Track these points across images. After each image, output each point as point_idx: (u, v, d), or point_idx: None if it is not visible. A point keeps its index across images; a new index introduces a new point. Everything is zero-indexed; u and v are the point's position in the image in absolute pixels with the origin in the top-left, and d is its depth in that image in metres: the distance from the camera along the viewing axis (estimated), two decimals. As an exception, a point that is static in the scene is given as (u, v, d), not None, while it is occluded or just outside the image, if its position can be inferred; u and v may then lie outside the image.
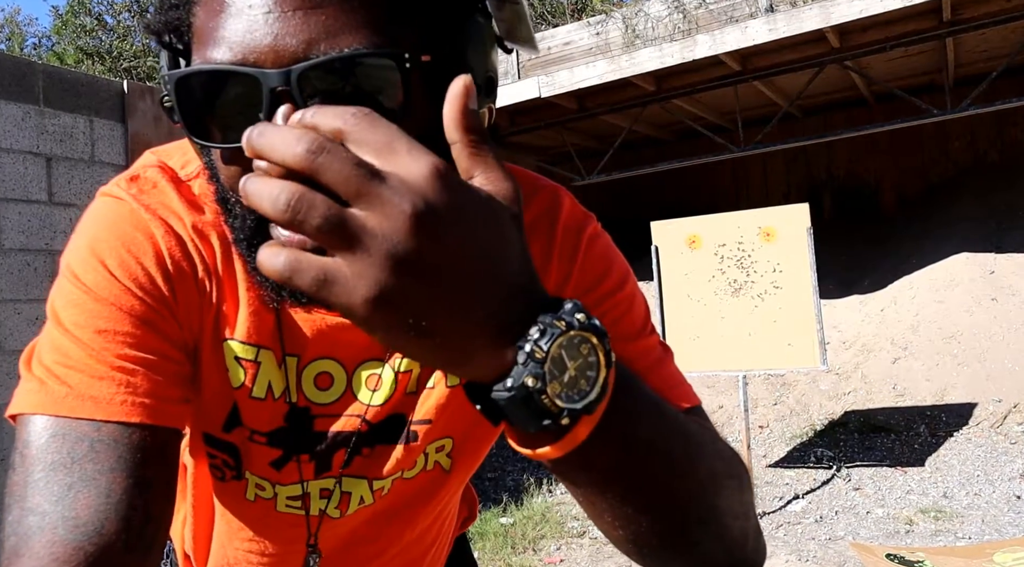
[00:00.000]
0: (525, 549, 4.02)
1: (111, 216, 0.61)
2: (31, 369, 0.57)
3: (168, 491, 0.57)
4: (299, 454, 0.69)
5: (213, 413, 0.66)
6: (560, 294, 0.65)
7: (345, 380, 0.67)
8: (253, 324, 0.64)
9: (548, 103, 6.66)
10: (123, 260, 0.59)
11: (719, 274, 4.45)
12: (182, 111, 0.52)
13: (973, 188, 8.06)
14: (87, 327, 0.57)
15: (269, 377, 0.65)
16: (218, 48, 0.50)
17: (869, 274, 7.50)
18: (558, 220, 0.68)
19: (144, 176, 0.64)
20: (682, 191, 9.28)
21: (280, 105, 0.48)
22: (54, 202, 3.42)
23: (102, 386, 0.55)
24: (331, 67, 0.48)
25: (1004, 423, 5.06)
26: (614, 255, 0.71)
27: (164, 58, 0.56)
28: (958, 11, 5.62)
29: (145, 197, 0.62)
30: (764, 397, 5.95)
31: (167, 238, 0.61)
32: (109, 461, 0.54)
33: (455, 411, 0.69)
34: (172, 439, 0.58)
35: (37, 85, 3.38)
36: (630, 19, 6.96)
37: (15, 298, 3.24)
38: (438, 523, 0.82)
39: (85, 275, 0.58)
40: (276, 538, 0.75)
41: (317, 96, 0.48)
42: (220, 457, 0.69)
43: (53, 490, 0.52)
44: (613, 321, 0.66)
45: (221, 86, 0.50)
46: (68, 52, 14.01)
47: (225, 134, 0.52)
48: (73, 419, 0.54)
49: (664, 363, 0.68)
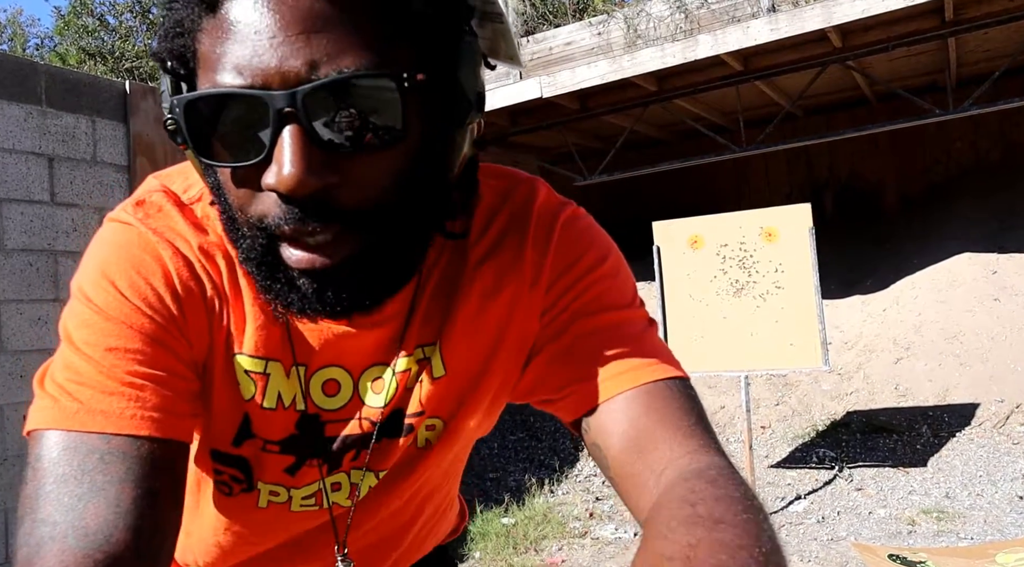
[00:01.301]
0: (527, 549, 4.02)
1: (120, 240, 0.63)
2: (44, 387, 0.59)
3: (176, 502, 0.59)
4: (312, 459, 0.71)
5: (223, 428, 0.69)
6: (537, 279, 0.69)
7: (352, 386, 0.70)
8: (260, 338, 0.66)
9: (549, 103, 6.66)
10: (133, 281, 0.61)
11: (721, 274, 4.45)
12: (191, 133, 0.54)
13: (975, 188, 8.05)
14: (98, 345, 0.59)
15: (279, 387, 0.68)
16: (225, 72, 0.51)
17: (871, 274, 7.49)
18: (532, 210, 0.70)
19: (149, 200, 0.66)
20: (684, 191, 9.27)
21: (286, 125, 0.50)
22: (56, 202, 3.42)
23: (112, 401, 0.57)
24: (334, 88, 0.50)
25: (1007, 423, 5.05)
26: (595, 235, 0.72)
27: (167, 83, 0.58)
28: (960, 11, 5.61)
29: (152, 221, 0.64)
30: (766, 397, 5.94)
31: (175, 259, 0.63)
32: (118, 472, 0.55)
33: (441, 400, 0.72)
34: (180, 451, 0.60)
35: (39, 85, 3.38)
36: (632, 19, 6.96)
37: (17, 298, 3.24)
38: (418, 499, 0.83)
39: (96, 296, 0.60)
40: (288, 531, 0.78)
41: (322, 117, 0.51)
42: (227, 472, 0.72)
43: (63, 501, 0.54)
44: (596, 295, 0.68)
45: (229, 108, 0.52)
46: (70, 53, 14.02)
47: (233, 154, 0.54)
48: (84, 433, 0.56)
49: (649, 334, 0.69)
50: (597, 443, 0.65)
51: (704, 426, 0.63)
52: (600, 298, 0.68)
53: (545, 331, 0.70)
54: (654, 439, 0.61)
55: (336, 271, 0.55)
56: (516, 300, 0.69)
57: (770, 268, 4.33)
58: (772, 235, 4.34)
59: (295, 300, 0.56)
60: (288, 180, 0.50)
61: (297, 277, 0.55)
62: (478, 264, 0.69)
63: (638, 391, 0.64)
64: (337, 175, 0.52)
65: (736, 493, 0.54)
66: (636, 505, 0.61)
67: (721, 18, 6.54)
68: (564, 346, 0.68)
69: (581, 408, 0.66)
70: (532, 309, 0.70)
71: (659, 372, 0.65)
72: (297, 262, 0.54)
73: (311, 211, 0.52)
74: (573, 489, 5.00)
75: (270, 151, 0.51)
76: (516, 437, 5.95)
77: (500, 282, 0.69)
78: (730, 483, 0.55)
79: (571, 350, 0.67)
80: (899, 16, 5.53)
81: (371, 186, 0.54)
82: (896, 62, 6.65)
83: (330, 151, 0.52)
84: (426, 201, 0.58)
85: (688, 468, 0.58)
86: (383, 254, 0.56)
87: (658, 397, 0.64)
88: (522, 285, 0.69)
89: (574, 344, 0.67)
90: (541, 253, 0.69)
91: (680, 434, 0.61)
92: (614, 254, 0.72)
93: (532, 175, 0.74)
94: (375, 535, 0.82)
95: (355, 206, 0.53)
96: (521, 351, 0.71)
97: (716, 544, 0.47)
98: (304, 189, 0.51)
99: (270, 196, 0.53)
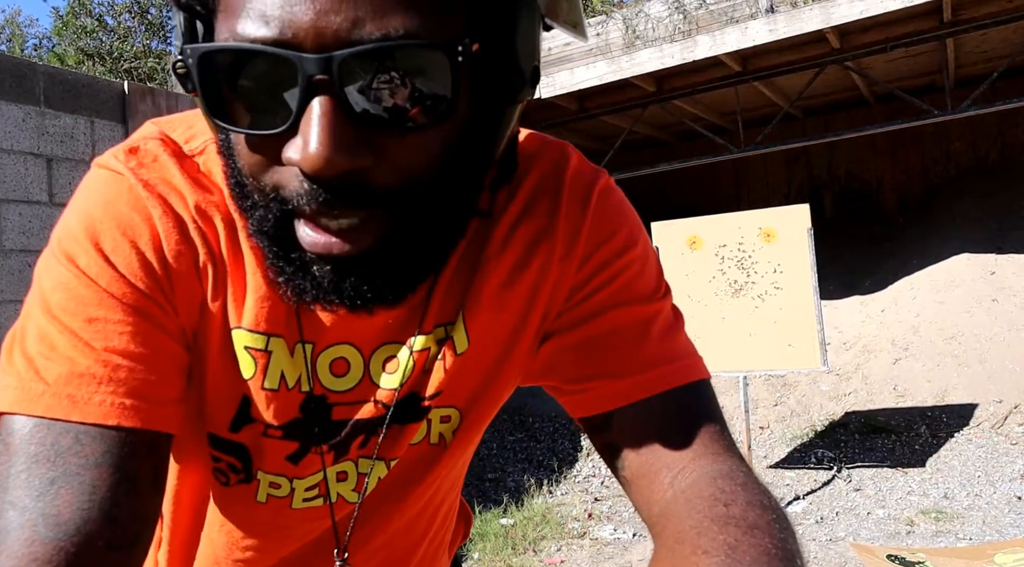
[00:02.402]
0: (525, 550, 4.02)
1: (107, 193, 0.56)
2: (12, 359, 0.53)
3: (156, 487, 0.54)
4: (318, 445, 0.64)
5: (219, 411, 0.62)
6: (570, 252, 0.63)
7: (362, 365, 0.63)
8: (262, 311, 0.59)
9: (548, 104, 6.66)
10: (118, 243, 0.54)
11: (720, 275, 4.45)
12: (203, 89, 0.46)
13: (974, 189, 8.06)
14: (76, 314, 0.53)
15: (281, 366, 0.61)
16: (249, 20, 0.44)
17: (870, 275, 7.49)
18: (564, 177, 0.64)
19: (144, 148, 0.58)
20: (682, 192, 9.27)
21: (316, 95, 0.43)
22: (55, 203, 3.42)
23: (83, 384, 0.51)
24: (378, 54, 0.43)
25: (1005, 424, 5.06)
26: (627, 210, 0.67)
27: (180, 21, 0.49)
28: (959, 12, 5.62)
29: (144, 172, 0.57)
30: (765, 398, 5.94)
31: (164, 220, 0.56)
32: (95, 455, 0.50)
33: (463, 379, 0.65)
34: (160, 438, 0.54)
35: (38, 86, 3.38)
36: (630, 20, 6.96)
37: (16, 299, 3.24)
38: (429, 511, 0.77)
39: (78, 256, 0.54)
40: (288, 538, 0.70)
41: (360, 88, 0.44)
42: (225, 460, 0.64)
43: (35, 484, 0.49)
44: (627, 282, 0.63)
45: (251, 66, 0.45)
46: (69, 53, 14.01)
47: (252, 118, 0.46)
48: (50, 420, 0.51)
49: (676, 330, 0.65)
50: (613, 443, 0.62)
51: (725, 431, 0.61)
52: (631, 286, 0.64)
53: (571, 312, 0.64)
54: (676, 441, 0.59)
55: (358, 260, 0.48)
56: (544, 272, 0.63)
57: (769, 269, 4.33)
58: (771, 236, 4.34)
59: (308, 288, 0.49)
60: (314, 159, 0.43)
61: (312, 262, 0.49)
62: (508, 232, 0.62)
63: (664, 395, 0.61)
64: (372, 155, 0.45)
65: (765, 501, 0.52)
66: (647, 500, 0.59)
67: (719, 19, 6.54)
68: (588, 336, 0.63)
69: (601, 407, 0.62)
70: (562, 283, 0.64)
71: (685, 375, 0.62)
72: (313, 245, 0.47)
73: (338, 193, 0.45)
74: (572, 490, 5.00)
75: (295, 121, 0.44)
76: (515, 438, 5.95)
77: (530, 252, 0.63)
78: (758, 489, 0.54)
79: (595, 342, 0.63)
80: (897, 17, 5.54)
81: (409, 168, 0.47)
82: (894, 63, 6.66)
83: (366, 127, 0.44)
84: (467, 184, 0.51)
85: (714, 469, 0.56)
86: (413, 242, 0.49)
87: (684, 402, 0.61)
88: (551, 256, 0.63)
89: (599, 336, 0.63)
90: (576, 224, 0.63)
91: (705, 437, 0.59)
92: (644, 234, 0.68)
93: (561, 140, 0.68)
94: (385, 553, 0.74)
95: (389, 187, 0.47)
96: (541, 327, 0.65)
97: (755, 548, 0.46)
98: (332, 170, 0.44)
99: (291, 169, 0.46)
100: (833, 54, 6.05)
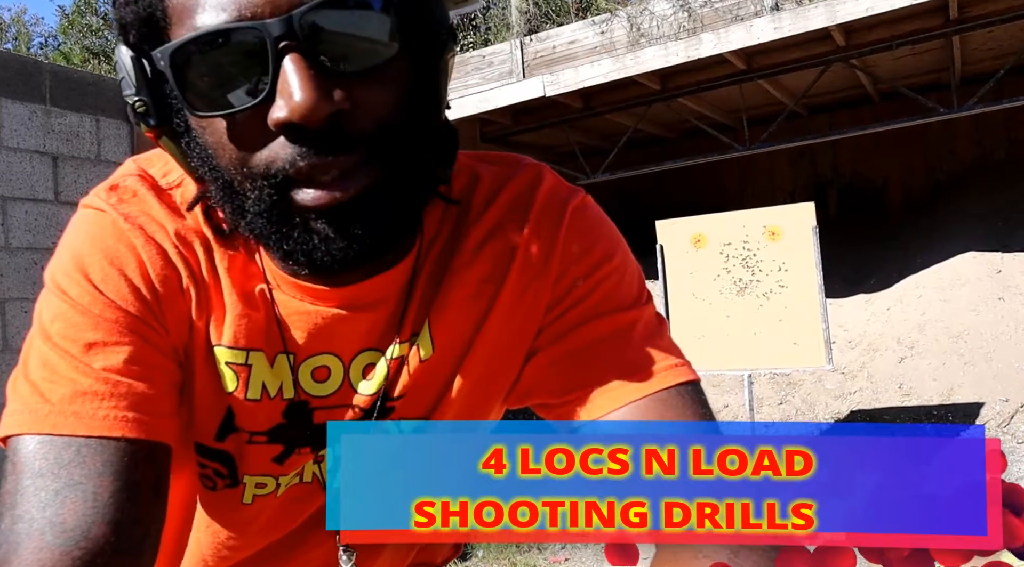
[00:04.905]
0: (530, 548, 4.02)
1: (92, 229, 0.61)
2: (16, 388, 0.57)
3: (157, 495, 0.57)
4: (301, 447, 0.68)
5: (205, 422, 0.66)
6: (544, 270, 0.66)
7: (342, 371, 0.67)
8: (240, 327, 0.63)
9: (553, 102, 6.65)
10: (107, 273, 0.59)
11: (724, 273, 4.44)
12: (180, 87, 0.51)
13: (980, 187, 8.03)
14: (75, 340, 0.57)
15: (262, 378, 0.65)
16: (207, 14, 0.49)
17: (875, 273, 7.47)
18: (536, 196, 0.68)
19: (124, 185, 0.63)
20: (687, 190, 9.26)
21: (286, 55, 0.49)
22: (60, 201, 3.43)
23: (86, 401, 0.55)
24: (327, 6, 0.49)
25: (1011, 423, 5.04)
26: (604, 226, 0.70)
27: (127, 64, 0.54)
28: (965, 9, 5.60)
29: (124, 206, 0.61)
30: (769, 396, 5.93)
31: (147, 248, 0.60)
32: (96, 465, 0.54)
33: (425, 383, 0.68)
34: (160, 448, 0.58)
35: (43, 84, 3.39)
36: (635, 18, 6.95)
37: (22, 296, 3.25)
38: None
39: (70, 288, 0.58)
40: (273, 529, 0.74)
41: (321, 41, 0.49)
42: (211, 466, 0.68)
43: (40, 496, 0.53)
44: (606, 294, 0.66)
45: (221, 52, 0.50)
46: (74, 52, 14.05)
47: (232, 101, 0.51)
48: (57, 436, 0.54)
49: (659, 335, 0.67)
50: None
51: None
52: (609, 297, 0.65)
53: (550, 328, 0.67)
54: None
55: (351, 206, 0.53)
56: (518, 288, 0.66)
57: (773, 267, 4.32)
58: (776, 234, 4.33)
59: (315, 246, 0.54)
60: (301, 106, 0.48)
61: (313, 220, 0.53)
62: (477, 248, 0.66)
63: (649, 399, 0.62)
64: (347, 101, 0.51)
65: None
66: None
67: (724, 16, 6.52)
68: (570, 349, 0.65)
69: (589, 415, 0.63)
70: (538, 300, 0.67)
71: (670, 378, 0.63)
72: (314, 199, 0.52)
73: (322, 143, 0.51)
74: (576, 488, 5.00)
75: (272, 86, 0.49)
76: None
77: (500, 268, 0.66)
78: None
79: (578, 354, 0.65)
80: (903, 14, 5.52)
81: (377, 110, 0.52)
82: (900, 60, 6.64)
83: (333, 77, 0.50)
84: (428, 129, 0.57)
85: None
86: (395, 187, 0.55)
87: (669, 404, 0.62)
88: (526, 273, 0.66)
89: (581, 348, 0.65)
90: (549, 242, 0.66)
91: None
92: (622, 247, 0.69)
93: (538, 162, 0.72)
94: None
95: (366, 131, 0.52)
96: (521, 344, 0.68)
97: (756, 549, 0.47)
98: (318, 114, 0.49)
99: (277, 140, 0.51)
100: (838, 52, 6.03)
